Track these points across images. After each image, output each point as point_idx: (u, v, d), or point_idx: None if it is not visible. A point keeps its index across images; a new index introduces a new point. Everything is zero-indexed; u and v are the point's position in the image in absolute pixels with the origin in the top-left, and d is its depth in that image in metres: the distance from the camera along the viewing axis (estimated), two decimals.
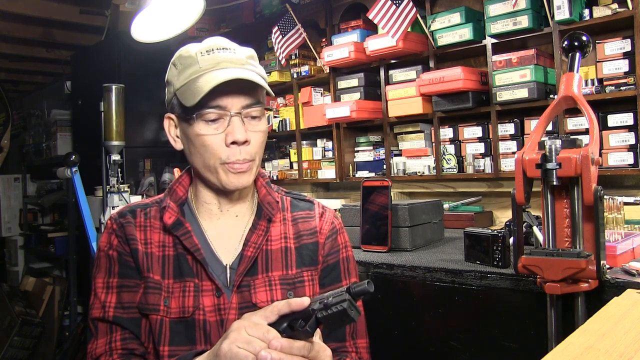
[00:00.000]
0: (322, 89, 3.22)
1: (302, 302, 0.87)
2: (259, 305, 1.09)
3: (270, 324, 0.88)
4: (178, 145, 1.16)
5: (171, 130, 1.16)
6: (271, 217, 1.16)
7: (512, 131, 2.43)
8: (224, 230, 1.16)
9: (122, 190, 2.75)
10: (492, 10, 2.36)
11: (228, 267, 1.12)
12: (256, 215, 1.17)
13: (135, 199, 2.85)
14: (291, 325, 0.87)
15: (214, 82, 1.02)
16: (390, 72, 2.83)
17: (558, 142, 1.33)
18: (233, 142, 1.06)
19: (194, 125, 1.07)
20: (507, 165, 2.43)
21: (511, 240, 1.56)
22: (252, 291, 1.10)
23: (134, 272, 1.12)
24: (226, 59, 1.07)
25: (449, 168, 2.61)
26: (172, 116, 1.14)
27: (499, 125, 2.46)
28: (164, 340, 1.07)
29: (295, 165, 3.31)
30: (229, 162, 1.07)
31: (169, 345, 1.06)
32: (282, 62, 3.08)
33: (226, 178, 1.09)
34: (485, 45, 2.45)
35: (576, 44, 1.49)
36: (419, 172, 2.75)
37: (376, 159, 2.98)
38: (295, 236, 1.18)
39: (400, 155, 2.86)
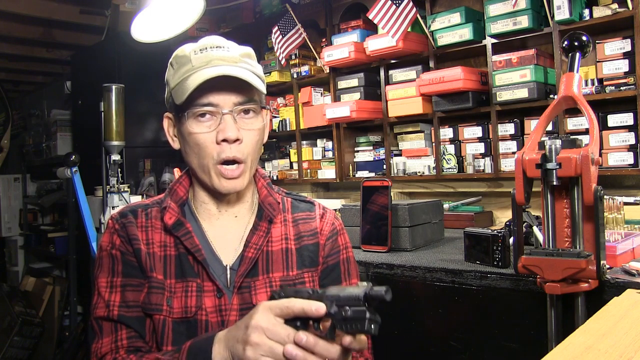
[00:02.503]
0: (322, 89, 3.22)
1: (318, 309, 0.86)
2: None
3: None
4: (176, 144, 1.16)
5: (170, 130, 1.17)
6: (272, 218, 1.16)
7: (512, 131, 2.43)
8: (224, 231, 1.15)
9: (122, 190, 2.75)
10: (492, 10, 2.36)
11: (228, 267, 1.12)
12: (257, 216, 1.17)
13: (135, 199, 2.85)
14: (304, 325, 0.88)
15: (201, 79, 1.03)
16: (390, 72, 2.83)
17: (558, 142, 1.33)
18: (224, 140, 1.06)
19: (186, 123, 1.08)
20: (507, 165, 2.43)
21: (511, 240, 1.56)
22: (252, 292, 1.10)
23: (137, 272, 1.11)
24: (218, 57, 1.07)
25: (449, 168, 2.61)
26: (170, 115, 1.15)
27: (499, 125, 2.46)
28: (167, 340, 1.06)
29: (295, 165, 3.31)
30: (219, 160, 1.07)
31: (172, 345, 1.06)
32: (282, 62, 3.08)
33: (218, 182, 1.09)
34: (485, 45, 2.45)
35: (576, 44, 1.49)
36: (419, 172, 2.75)
37: (376, 159, 2.98)
38: (296, 237, 1.18)
39: (400, 155, 2.86)
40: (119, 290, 1.10)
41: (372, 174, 2.96)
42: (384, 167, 2.90)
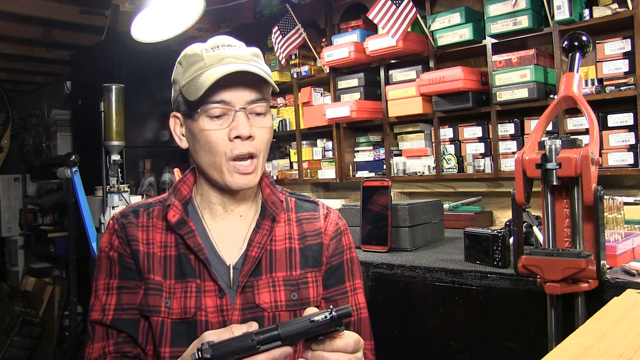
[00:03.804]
0: (322, 89, 3.22)
1: (287, 353, 0.81)
2: (262, 306, 1.09)
3: None
4: (183, 143, 1.15)
5: (176, 129, 1.16)
6: (275, 216, 1.16)
7: (512, 131, 2.43)
8: (228, 231, 1.15)
9: (122, 190, 2.75)
10: (492, 10, 2.36)
11: (231, 267, 1.11)
12: (260, 215, 1.16)
13: (135, 199, 2.85)
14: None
15: (217, 75, 1.02)
16: (390, 72, 2.83)
17: (558, 142, 1.33)
18: (237, 137, 1.06)
19: (198, 120, 1.07)
20: (507, 165, 2.43)
21: (511, 240, 1.56)
22: (255, 292, 1.10)
23: (134, 274, 1.11)
24: (231, 55, 1.07)
25: (449, 168, 2.61)
26: (178, 114, 1.15)
27: (499, 125, 2.46)
28: (165, 341, 1.06)
29: (295, 165, 3.31)
30: (232, 157, 1.07)
31: (170, 346, 1.06)
32: (282, 62, 3.08)
33: (231, 178, 1.08)
34: (485, 45, 2.45)
35: (576, 44, 1.49)
36: (419, 172, 2.75)
37: (376, 159, 2.98)
38: (300, 237, 1.18)
39: (400, 155, 2.86)
40: (115, 292, 1.10)
41: (372, 174, 2.96)
42: (384, 167, 2.90)
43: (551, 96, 2.28)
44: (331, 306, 0.83)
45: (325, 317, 0.79)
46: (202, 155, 1.10)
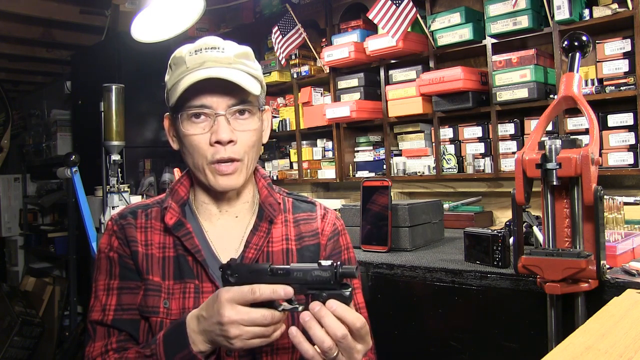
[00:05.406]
0: (322, 89, 3.22)
1: (287, 293, 0.90)
2: None
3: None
4: (175, 145, 1.17)
5: (170, 130, 1.17)
6: (272, 218, 1.16)
7: (512, 131, 2.43)
8: (225, 231, 1.15)
9: (122, 190, 2.75)
10: (492, 10, 2.36)
11: None
12: (257, 216, 1.17)
13: (135, 199, 2.85)
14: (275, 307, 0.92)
15: (191, 80, 1.03)
16: (390, 72, 2.83)
17: (558, 142, 1.33)
18: (217, 142, 1.06)
19: (181, 125, 1.08)
20: (507, 165, 2.43)
21: (511, 240, 1.56)
22: None
23: (134, 274, 1.11)
24: (212, 58, 1.07)
25: (449, 168, 2.61)
26: (169, 116, 1.16)
27: (499, 125, 2.46)
28: None
29: (295, 165, 3.31)
30: (214, 161, 1.07)
31: None
32: (282, 62, 3.08)
33: (213, 179, 1.09)
34: (485, 45, 2.45)
35: (576, 44, 1.50)
36: (419, 172, 2.75)
37: (376, 159, 2.98)
38: (297, 238, 1.18)
39: (400, 155, 2.86)
40: (116, 293, 1.11)
41: (372, 174, 2.96)
42: (384, 167, 2.90)
43: (551, 96, 2.28)
44: (339, 262, 0.90)
45: (332, 264, 0.88)
46: (188, 158, 1.11)
